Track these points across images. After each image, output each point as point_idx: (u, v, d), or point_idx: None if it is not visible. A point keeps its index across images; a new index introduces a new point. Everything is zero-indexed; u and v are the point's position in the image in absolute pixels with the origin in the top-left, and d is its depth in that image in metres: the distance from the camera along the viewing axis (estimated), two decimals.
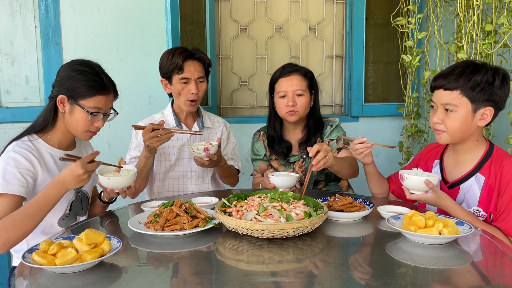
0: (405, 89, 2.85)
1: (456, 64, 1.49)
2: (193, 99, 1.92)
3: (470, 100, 1.43)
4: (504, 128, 2.35)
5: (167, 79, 1.95)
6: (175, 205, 1.35)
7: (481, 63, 1.47)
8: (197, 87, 1.91)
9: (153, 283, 1.00)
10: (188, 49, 1.93)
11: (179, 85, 1.91)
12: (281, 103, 1.96)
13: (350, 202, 1.48)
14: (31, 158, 1.44)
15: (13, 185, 1.37)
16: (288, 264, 1.10)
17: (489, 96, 1.42)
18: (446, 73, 1.47)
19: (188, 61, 1.90)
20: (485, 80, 1.41)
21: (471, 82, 1.42)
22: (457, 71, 1.45)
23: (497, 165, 1.47)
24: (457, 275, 1.04)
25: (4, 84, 2.52)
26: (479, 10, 2.10)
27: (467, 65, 1.46)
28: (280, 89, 1.96)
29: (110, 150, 2.62)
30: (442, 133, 1.50)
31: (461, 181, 1.54)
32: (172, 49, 1.93)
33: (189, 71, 1.89)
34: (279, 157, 2.07)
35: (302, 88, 1.95)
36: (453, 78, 1.44)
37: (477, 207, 1.49)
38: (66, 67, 1.53)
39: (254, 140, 2.15)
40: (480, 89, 1.41)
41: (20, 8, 2.50)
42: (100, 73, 1.54)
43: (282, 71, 1.98)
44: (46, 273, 1.04)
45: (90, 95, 1.49)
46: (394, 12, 2.66)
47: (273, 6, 2.92)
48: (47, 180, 1.48)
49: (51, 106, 1.52)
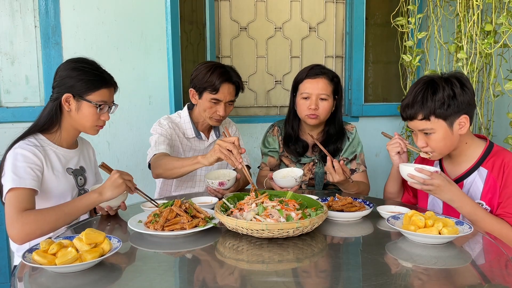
0: (405, 89, 2.85)
1: (415, 90, 1.50)
2: (218, 119, 1.92)
3: (443, 118, 1.45)
4: (504, 128, 2.35)
5: (198, 92, 1.92)
6: (175, 205, 1.35)
7: (434, 79, 1.48)
8: (225, 110, 1.91)
9: (153, 283, 1.00)
10: (227, 69, 1.91)
11: (208, 103, 1.89)
12: (303, 104, 1.93)
13: (350, 202, 1.48)
14: (38, 154, 1.47)
15: (25, 180, 1.39)
16: (288, 264, 1.10)
17: (457, 107, 1.45)
18: (410, 103, 1.49)
19: (225, 84, 1.88)
20: (446, 95, 1.44)
21: (435, 104, 1.44)
22: (419, 98, 1.46)
23: (499, 158, 1.49)
24: (456, 275, 1.04)
25: (4, 84, 2.52)
26: (479, 10, 2.10)
27: (425, 88, 1.47)
28: (305, 90, 1.93)
29: (110, 150, 2.62)
30: (431, 153, 1.54)
31: (464, 176, 1.55)
32: (212, 65, 1.90)
33: (223, 94, 1.88)
34: (292, 156, 2.05)
35: (327, 93, 1.91)
36: (418, 106, 1.46)
37: (480, 200, 1.51)
38: (64, 67, 1.55)
39: (267, 134, 2.12)
40: (447, 106, 1.44)
41: (20, 8, 2.50)
42: (99, 67, 1.58)
43: (309, 72, 1.94)
44: (46, 273, 1.04)
45: (95, 89, 1.53)
46: (394, 12, 2.67)
47: (273, 6, 2.92)
48: (52, 177, 1.51)
49: (55, 107, 1.53)
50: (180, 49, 2.38)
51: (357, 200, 1.52)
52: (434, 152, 1.52)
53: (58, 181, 1.53)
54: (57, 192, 1.52)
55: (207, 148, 2.03)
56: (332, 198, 1.55)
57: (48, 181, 1.50)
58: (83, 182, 1.64)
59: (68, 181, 1.57)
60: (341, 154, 2.00)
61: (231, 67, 1.96)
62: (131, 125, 2.62)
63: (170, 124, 1.96)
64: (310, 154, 2.03)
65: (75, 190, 1.60)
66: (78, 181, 1.62)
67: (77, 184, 1.61)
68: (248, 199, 1.39)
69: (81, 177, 1.64)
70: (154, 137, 1.91)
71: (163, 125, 1.94)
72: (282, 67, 2.97)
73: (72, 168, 1.60)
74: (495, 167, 1.49)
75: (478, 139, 1.57)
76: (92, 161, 1.77)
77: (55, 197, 1.52)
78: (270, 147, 2.09)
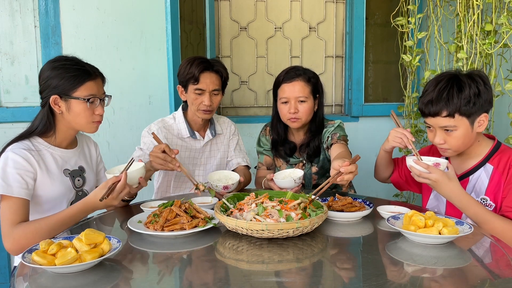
0: (405, 89, 2.85)
1: (438, 86, 1.47)
2: (205, 109, 1.92)
3: (467, 116, 1.45)
4: (504, 128, 2.35)
5: (184, 87, 1.95)
6: (174, 205, 1.35)
7: (458, 76, 1.47)
8: (211, 99, 1.91)
9: (152, 283, 1.00)
10: (208, 60, 1.92)
11: (193, 95, 1.91)
12: (284, 109, 1.93)
13: (350, 202, 1.48)
14: (29, 158, 1.44)
15: (12, 188, 1.37)
16: (288, 264, 1.10)
17: (481, 105, 1.45)
18: (435, 99, 1.46)
19: (205, 73, 1.89)
20: (472, 93, 1.43)
21: (461, 101, 1.43)
22: (444, 95, 1.44)
23: (506, 155, 1.50)
24: (456, 275, 1.04)
25: (4, 84, 2.52)
26: (479, 10, 2.10)
27: (450, 84, 1.45)
28: (283, 95, 1.92)
29: (110, 150, 2.62)
30: (446, 150, 1.53)
31: (470, 172, 1.55)
32: (192, 58, 1.92)
33: (205, 83, 1.89)
34: (282, 158, 2.07)
35: (305, 95, 1.90)
36: (444, 103, 1.44)
37: (484, 196, 1.51)
38: (45, 69, 1.51)
39: (261, 134, 2.14)
40: (472, 103, 1.44)
41: (20, 8, 2.50)
42: (80, 62, 1.53)
43: (285, 76, 1.93)
44: (46, 273, 1.04)
45: (80, 84, 1.48)
46: (394, 12, 2.67)
47: (273, 6, 2.92)
48: (46, 181, 1.47)
49: (46, 112, 1.50)
50: (180, 49, 2.38)
51: (357, 200, 1.52)
52: (450, 149, 1.51)
53: (53, 184, 1.49)
54: (52, 195, 1.50)
55: (203, 147, 2.03)
56: (332, 198, 1.54)
57: (43, 185, 1.47)
58: (81, 183, 1.61)
59: (64, 184, 1.54)
60: (323, 141, 1.94)
61: (214, 58, 1.98)
62: (131, 125, 2.62)
63: (161, 129, 1.95)
64: (299, 155, 2.04)
65: (72, 192, 1.57)
66: (76, 183, 1.59)
67: (75, 185, 1.58)
68: (248, 199, 1.39)
69: (79, 178, 1.61)
70: (143, 142, 1.94)
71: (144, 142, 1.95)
72: (282, 67, 2.93)
73: (70, 170, 1.57)
74: (500, 163, 1.49)
75: (487, 138, 1.58)
76: (93, 158, 1.73)
77: (50, 200, 1.50)
78: (264, 147, 2.11)
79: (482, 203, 1.50)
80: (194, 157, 2.02)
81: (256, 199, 1.39)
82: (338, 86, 3.07)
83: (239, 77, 2.95)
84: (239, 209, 1.33)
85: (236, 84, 2.96)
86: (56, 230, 1.35)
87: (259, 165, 2.13)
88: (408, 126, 2.82)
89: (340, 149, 1.76)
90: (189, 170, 2.02)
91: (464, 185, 1.55)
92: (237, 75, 2.94)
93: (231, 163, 2.09)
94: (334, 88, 3.06)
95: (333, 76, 3.05)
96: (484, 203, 1.50)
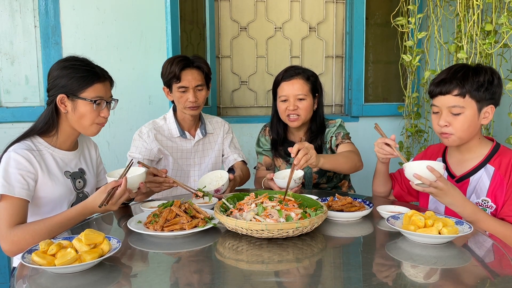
0: (405, 89, 2.84)
1: (454, 68, 1.51)
2: (191, 106, 1.93)
3: (476, 100, 1.46)
4: (504, 128, 2.35)
5: (168, 87, 1.97)
6: (174, 205, 1.35)
7: (476, 65, 1.51)
8: (196, 95, 1.92)
9: (152, 283, 1.00)
10: (188, 57, 1.93)
11: (178, 94, 1.92)
12: (283, 107, 1.94)
13: (349, 202, 1.48)
14: (31, 159, 1.44)
15: (14, 188, 1.37)
16: (287, 264, 1.10)
17: (492, 95, 1.47)
18: (448, 78, 1.48)
19: (186, 70, 1.90)
20: (487, 79, 1.46)
21: (475, 84, 1.45)
22: (460, 75, 1.46)
23: (507, 157, 1.50)
24: (456, 275, 1.04)
25: (4, 84, 2.52)
26: (479, 10, 2.10)
27: (466, 68, 1.49)
28: (282, 93, 1.94)
29: (110, 150, 2.62)
30: (450, 136, 1.51)
31: (470, 173, 1.55)
32: (172, 58, 1.94)
33: (187, 80, 1.90)
34: (282, 158, 2.07)
35: (304, 93, 1.91)
36: (458, 82, 1.46)
37: (486, 197, 1.50)
38: (55, 68, 1.51)
39: (260, 134, 2.15)
40: (485, 89, 1.45)
41: (20, 8, 2.50)
42: (90, 63, 1.54)
43: (284, 75, 1.95)
44: (46, 274, 1.04)
45: (88, 85, 1.49)
46: (394, 12, 2.66)
47: (273, 6, 2.92)
48: (47, 182, 1.47)
49: (51, 110, 1.51)
50: (180, 49, 2.38)
51: (357, 200, 1.52)
52: (454, 134, 1.50)
53: (54, 185, 1.49)
54: (54, 197, 1.50)
55: (194, 147, 2.03)
56: (332, 198, 1.54)
57: (44, 186, 1.47)
58: (82, 185, 1.61)
59: (66, 185, 1.54)
60: (326, 141, 1.98)
61: (195, 55, 1.99)
62: (131, 125, 2.62)
63: (151, 131, 1.96)
64: None
65: (72, 194, 1.57)
66: (77, 184, 1.59)
67: (75, 187, 1.58)
68: (247, 199, 1.39)
69: (80, 180, 1.61)
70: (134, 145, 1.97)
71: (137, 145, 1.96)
72: (282, 67, 2.93)
73: (70, 171, 1.57)
74: (502, 165, 1.49)
75: (486, 139, 1.58)
76: (93, 160, 1.73)
77: (51, 202, 1.50)
78: (263, 147, 2.12)
79: (483, 204, 1.50)
80: (186, 158, 2.03)
81: (256, 199, 1.39)
82: (338, 86, 3.07)
83: (239, 77, 2.95)
84: (239, 209, 1.33)
85: (236, 84, 2.96)
86: (55, 232, 1.35)
87: (259, 166, 2.13)
88: (408, 126, 2.82)
89: (346, 149, 1.86)
90: (184, 171, 2.03)
91: (465, 186, 1.55)
92: (237, 75, 2.94)
93: (228, 160, 2.09)
94: (334, 88, 3.06)
95: (333, 76, 3.05)
96: (485, 205, 1.50)
